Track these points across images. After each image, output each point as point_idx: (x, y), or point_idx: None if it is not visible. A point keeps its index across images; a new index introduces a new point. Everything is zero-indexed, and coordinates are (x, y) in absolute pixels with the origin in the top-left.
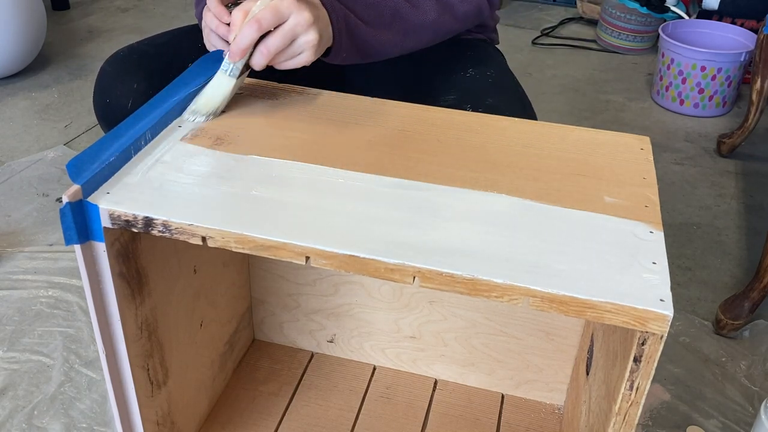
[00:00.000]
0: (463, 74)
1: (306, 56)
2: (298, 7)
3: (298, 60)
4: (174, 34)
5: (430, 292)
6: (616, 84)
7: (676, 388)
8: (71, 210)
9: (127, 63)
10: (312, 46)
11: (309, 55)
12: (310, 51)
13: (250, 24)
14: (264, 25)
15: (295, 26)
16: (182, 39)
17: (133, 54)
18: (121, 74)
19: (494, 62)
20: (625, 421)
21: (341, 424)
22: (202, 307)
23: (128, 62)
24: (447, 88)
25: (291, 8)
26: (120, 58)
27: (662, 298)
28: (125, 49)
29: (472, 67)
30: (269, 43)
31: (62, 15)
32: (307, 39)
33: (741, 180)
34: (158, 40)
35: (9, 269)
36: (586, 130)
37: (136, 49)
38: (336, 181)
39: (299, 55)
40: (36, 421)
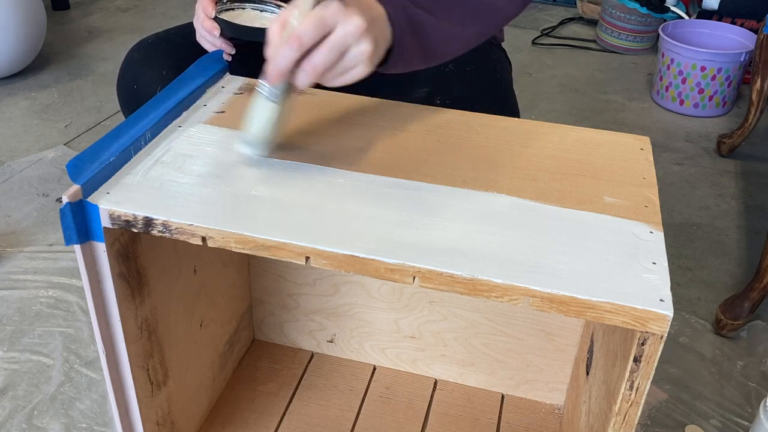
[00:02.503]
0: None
1: (360, 70)
2: (346, 13)
3: (351, 75)
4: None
5: (430, 292)
6: (616, 84)
7: (675, 387)
8: (71, 210)
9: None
10: (367, 57)
11: (364, 68)
12: (365, 63)
13: (290, 42)
14: (306, 42)
15: (344, 36)
16: None
17: (160, 42)
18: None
19: (480, 57)
20: (625, 421)
21: (341, 424)
22: (202, 307)
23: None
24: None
25: (337, 15)
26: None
27: (662, 298)
28: (152, 37)
29: (452, 62)
30: (315, 60)
31: (62, 15)
32: (361, 50)
33: (741, 180)
34: (185, 30)
35: (9, 269)
36: (585, 130)
37: (163, 37)
38: (336, 181)
39: (352, 70)
40: (36, 421)
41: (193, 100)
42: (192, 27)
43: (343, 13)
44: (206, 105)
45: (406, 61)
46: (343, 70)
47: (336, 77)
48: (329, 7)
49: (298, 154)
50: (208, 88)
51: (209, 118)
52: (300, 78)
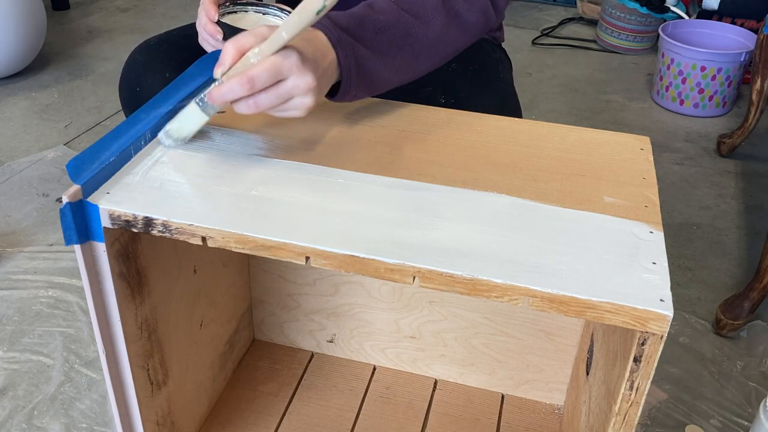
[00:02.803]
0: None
1: (295, 115)
2: (301, 70)
3: (286, 115)
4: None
5: (430, 292)
6: (616, 84)
7: (675, 387)
8: (71, 210)
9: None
10: (306, 109)
11: (300, 114)
12: (302, 112)
13: (241, 81)
14: (257, 86)
15: (293, 89)
16: None
17: (163, 44)
18: (153, 63)
19: (482, 57)
20: (625, 421)
21: (341, 424)
22: (202, 307)
23: (159, 51)
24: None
25: (292, 70)
26: (151, 47)
27: (662, 298)
28: (154, 39)
29: (455, 62)
30: (260, 101)
31: (62, 15)
32: (303, 102)
33: (741, 180)
34: (188, 31)
35: (9, 269)
36: (585, 130)
37: (166, 39)
38: (336, 181)
39: (288, 113)
40: (36, 421)
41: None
42: (194, 28)
43: (298, 69)
44: None
45: (351, 96)
46: (281, 110)
47: (272, 112)
48: (288, 58)
49: (298, 154)
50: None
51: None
52: (240, 107)
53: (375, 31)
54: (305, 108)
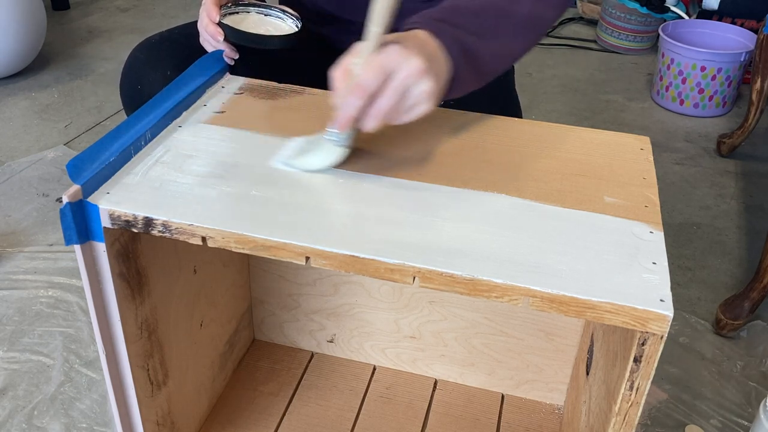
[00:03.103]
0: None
1: (423, 107)
2: (405, 56)
3: (415, 113)
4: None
5: (430, 292)
6: (616, 84)
7: (675, 387)
8: (71, 210)
9: (160, 50)
10: (428, 95)
11: (427, 105)
12: (427, 101)
13: (354, 92)
14: (370, 90)
15: (405, 79)
16: None
17: (164, 42)
18: (154, 61)
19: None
20: (625, 422)
21: (341, 424)
22: (202, 307)
23: (160, 50)
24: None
25: (397, 60)
26: (152, 45)
27: (662, 298)
28: (156, 37)
29: None
30: (380, 105)
31: (62, 15)
32: (422, 89)
33: (741, 180)
34: (189, 30)
35: (9, 269)
36: (586, 130)
37: (167, 37)
38: (336, 181)
39: (416, 108)
40: (36, 421)
41: (193, 100)
42: (196, 27)
43: (402, 57)
44: (206, 105)
45: (463, 88)
46: (407, 109)
47: (400, 116)
48: (389, 51)
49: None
50: (208, 88)
51: (209, 118)
52: (366, 123)
53: (471, 16)
54: (427, 95)
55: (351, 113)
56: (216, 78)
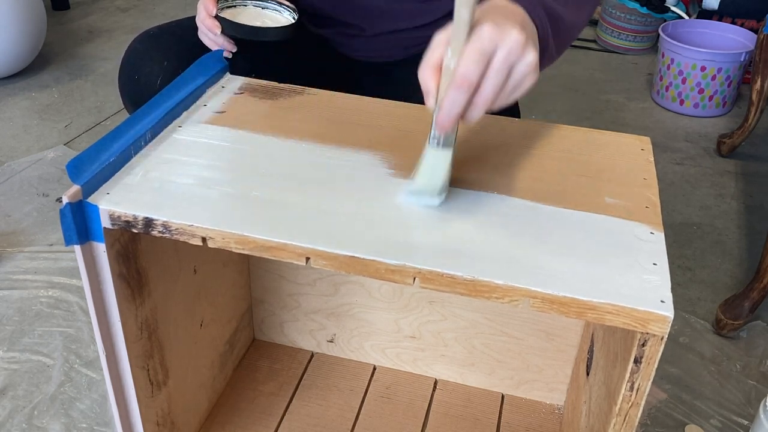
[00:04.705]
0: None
1: (529, 81)
2: (502, 32)
3: (520, 91)
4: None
5: (430, 292)
6: (616, 84)
7: (675, 387)
8: (71, 210)
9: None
10: (533, 67)
11: (532, 78)
12: (532, 74)
13: (458, 86)
14: (474, 80)
15: (507, 56)
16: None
17: (163, 33)
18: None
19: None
20: (625, 422)
21: (341, 424)
22: (202, 307)
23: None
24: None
25: (495, 38)
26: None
27: (663, 299)
28: (155, 29)
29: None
30: (485, 93)
31: (62, 15)
32: (527, 62)
33: (741, 180)
34: (185, 23)
35: (9, 269)
36: (586, 130)
37: (166, 29)
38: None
39: (521, 85)
40: (36, 421)
41: (193, 100)
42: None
43: (499, 33)
44: (206, 105)
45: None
46: (512, 89)
47: (507, 98)
48: (482, 32)
49: (297, 154)
50: (208, 88)
51: (209, 118)
52: (472, 114)
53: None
54: (532, 67)
55: (457, 110)
56: (216, 78)
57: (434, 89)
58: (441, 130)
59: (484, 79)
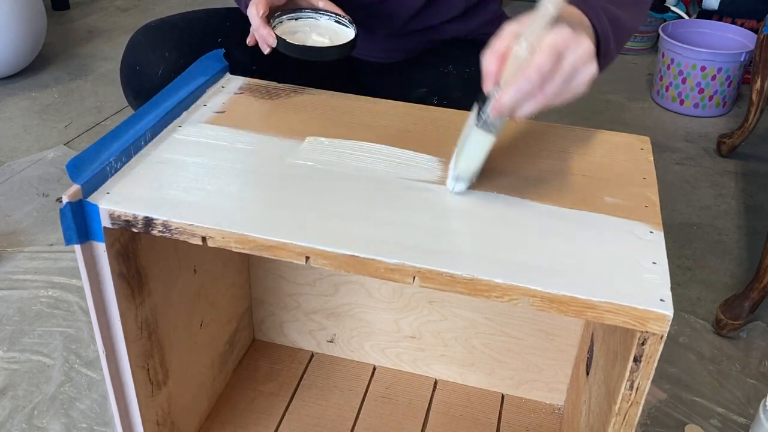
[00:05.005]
0: (442, 70)
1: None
2: (577, 39)
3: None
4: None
5: (430, 292)
6: (616, 84)
7: (675, 387)
8: (71, 210)
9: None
10: (590, 79)
11: (584, 90)
12: (586, 86)
13: (529, 75)
14: (546, 74)
15: (575, 62)
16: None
17: (164, 25)
18: (153, 43)
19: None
20: (625, 421)
21: (341, 424)
22: (202, 307)
23: (161, 32)
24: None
25: (569, 42)
26: (152, 29)
27: (662, 298)
28: (157, 21)
29: (452, 64)
30: (548, 90)
31: (62, 15)
32: (587, 72)
33: (741, 180)
34: (188, 16)
35: (9, 269)
36: (586, 130)
37: (167, 21)
38: (336, 180)
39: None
40: (36, 421)
41: (193, 100)
42: (195, 14)
43: (574, 39)
44: (206, 105)
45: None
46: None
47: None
48: (562, 33)
49: (297, 154)
50: (208, 88)
51: (209, 118)
52: (527, 108)
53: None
54: (589, 79)
55: (519, 97)
56: (216, 78)
57: (495, 74)
58: (497, 112)
59: (550, 77)
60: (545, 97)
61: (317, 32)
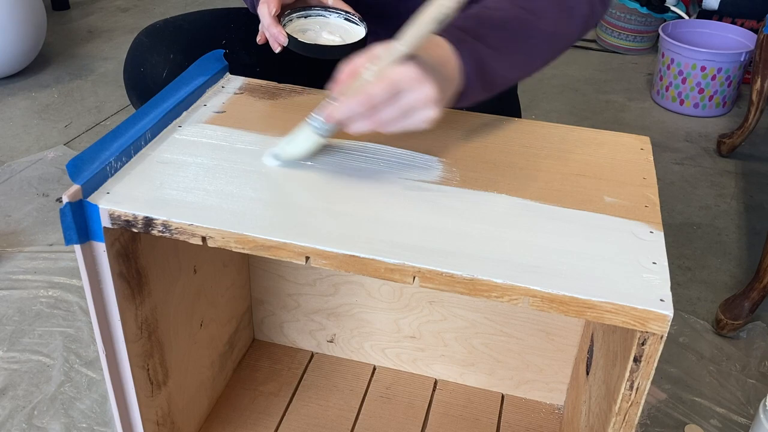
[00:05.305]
0: None
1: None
2: (420, 82)
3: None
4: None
5: (430, 292)
6: (616, 84)
7: (674, 387)
8: (71, 210)
9: (164, 34)
10: (429, 121)
11: (424, 126)
12: (425, 125)
13: (359, 99)
14: (376, 104)
15: (414, 102)
16: (215, 18)
17: (168, 27)
18: (158, 45)
19: None
20: (625, 421)
21: (341, 424)
22: (202, 307)
23: (165, 34)
24: None
25: (411, 82)
26: (156, 30)
27: (662, 298)
28: (161, 22)
29: None
30: (380, 117)
31: (62, 15)
32: (426, 115)
33: (741, 180)
34: (191, 17)
35: (9, 269)
36: (586, 130)
37: (172, 22)
38: (333, 181)
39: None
40: (36, 421)
41: (193, 100)
42: (199, 15)
43: (418, 80)
44: (206, 105)
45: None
46: (401, 125)
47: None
48: (406, 70)
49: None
50: (208, 88)
51: (209, 118)
52: (357, 126)
53: (493, 28)
54: (428, 121)
55: (346, 115)
56: (216, 78)
57: (340, 84)
58: (328, 119)
59: (383, 107)
60: (377, 121)
61: (327, 30)
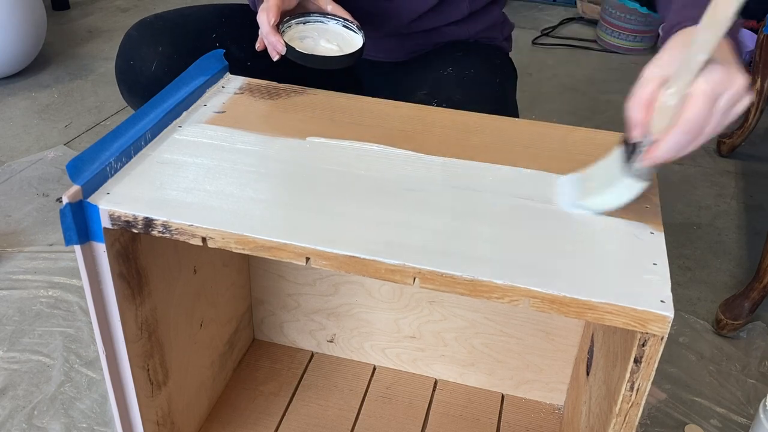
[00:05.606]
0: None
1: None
2: (731, 75)
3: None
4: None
5: (431, 292)
6: (616, 84)
7: (674, 387)
8: (71, 210)
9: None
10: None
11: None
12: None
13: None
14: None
15: (730, 100)
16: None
17: (158, 21)
18: (147, 38)
19: (481, 62)
20: (625, 422)
21: (341, 424)
22: (202, 307)
23: (155, 27)
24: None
25: (724, 81)
26: (146, 24)
27: (663, 299)
28: (152, 17)
29: (452, 66)
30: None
31: (62, 15)
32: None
33: (741, 180)
34: (184, 12)
35: (9, 269)
36: (586, 130)
37: (162, 17)
38: (335, 181)
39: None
40: (36, 421)
41: (193, 100)
42: (190, 9)
43: (729, 76)
44: (206, 105)
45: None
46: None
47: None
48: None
49: (297, 154)
50: (208, 88)
51: (209, 118)
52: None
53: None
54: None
55: (674, 150)
56: (216, 78)
57: (642, 123)
58: (650, 162)
59: (707, 124)
60: (701, 141)
61: (326, 38)
